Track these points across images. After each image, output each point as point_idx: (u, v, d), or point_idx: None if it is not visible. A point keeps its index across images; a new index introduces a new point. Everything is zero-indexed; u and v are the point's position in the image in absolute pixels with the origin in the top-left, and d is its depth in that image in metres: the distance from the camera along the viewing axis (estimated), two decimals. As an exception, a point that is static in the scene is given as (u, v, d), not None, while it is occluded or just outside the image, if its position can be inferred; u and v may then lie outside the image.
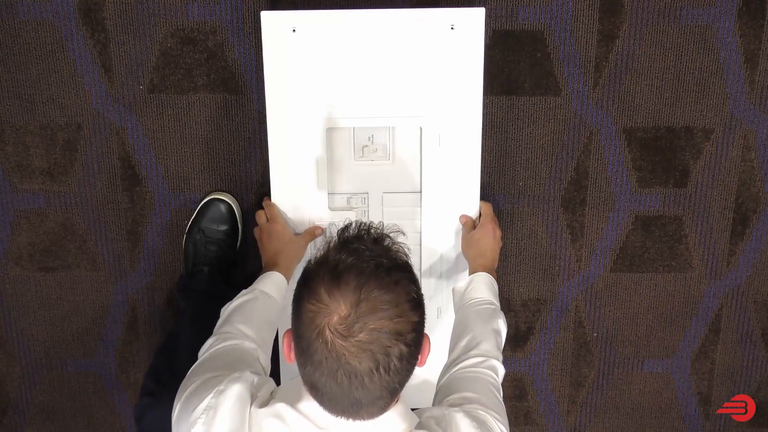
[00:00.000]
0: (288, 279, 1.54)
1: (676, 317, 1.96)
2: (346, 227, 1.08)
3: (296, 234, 1.62)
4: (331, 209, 1.62)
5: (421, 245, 1.64)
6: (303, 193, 1.60)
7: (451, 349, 1.38)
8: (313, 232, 1.63)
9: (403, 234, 1.10)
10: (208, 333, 1.69)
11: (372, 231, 1.07)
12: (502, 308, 1.92)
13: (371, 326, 0.98)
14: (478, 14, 1.51)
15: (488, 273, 1.53)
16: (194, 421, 1.10)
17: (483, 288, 1.50)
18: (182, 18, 1.74)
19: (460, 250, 1.61)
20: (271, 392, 1.15)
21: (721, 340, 1.98)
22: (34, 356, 1.94)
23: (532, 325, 1.93)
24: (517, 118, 1.80)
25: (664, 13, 1.76)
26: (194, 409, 1.12)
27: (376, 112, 1.56)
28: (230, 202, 1.80)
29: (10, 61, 1.75)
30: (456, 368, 1.31)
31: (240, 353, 1.29)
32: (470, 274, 1.54)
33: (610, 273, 1.92)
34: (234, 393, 1.11)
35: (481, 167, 1.62)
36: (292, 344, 1.06)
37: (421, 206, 1.61)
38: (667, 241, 1.90)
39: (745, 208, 1.89)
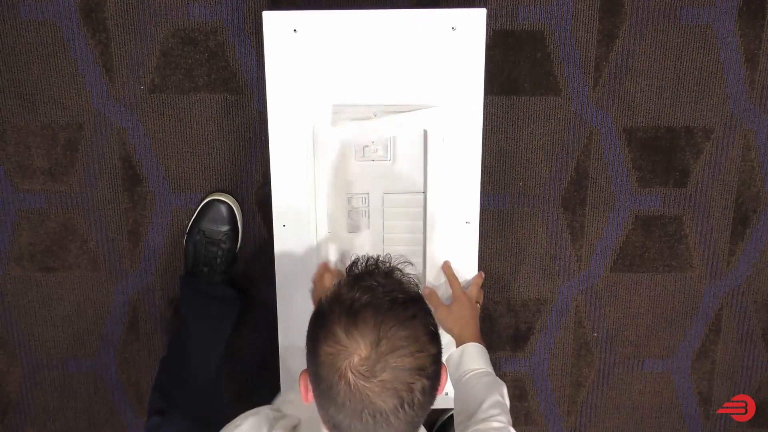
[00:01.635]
0: None
1: (676, 317, 1.96)
2: (354, 263, 1.08)
3: None
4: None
5: (425, 246, 1.64)
6: (303, 193, 1.60)
7: (465, 416, 1.35)
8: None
9: (411, 264, 1.09)
10: (210, 338, 1.69)
11: (381, 265, 1.06)
12: (503, 308, 1.92)
13: (393, 364, 0.97)
14: (480, 15, 1.51)
15: (477, 342, 1.51)
16: None
17: (478, 358, 1.48)
18: (183, 18, 1.74)
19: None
20: (294, 427, 1.15)
21: (721, 340, 1.98)
22: (35, 356, 1.94)
23: (532, 325, 1.94)
24: (517, 118, 1.81)
25: (664, 13, 1.77)
26: None
27: (376, 112, 1.56)
28: (230, 203, 1.80)
29: (11, 60, 1.76)
30: (479, 426, 1.30)
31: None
32: (458, 345, 1.52)
33: (610, 273, 1.92)
34: (249, 423, 1.11)
35: (482, 167, 1.61)
36: (310, 386, 1.05)
37: (425, 207, 1.61)
38: (667, 241, 1.90)
39: (745, 208, 1.89)
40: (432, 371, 1.01)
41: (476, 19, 1.51)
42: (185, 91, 1.78)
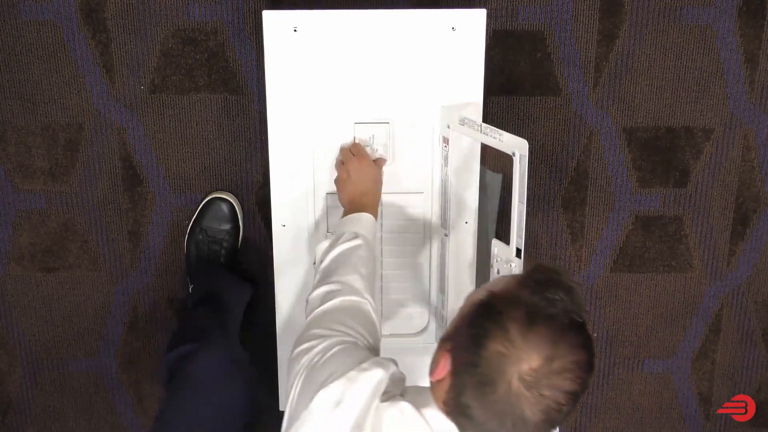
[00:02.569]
0: (375, 218, 1.47)
1: (676, 317, 1.96)
2: (536, 268, 1.08)
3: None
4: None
5: (430, 247, 1.64)
6: (303, 192, 1.60)
7: None
8: (380, 165, 1.55)
9: (580, 285, 1.09)
10: (238, 290, 1.69)
11: (563, 279, 1.06)
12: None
13: (556, 384, 0.99)
14: (480, 15, 1.51)
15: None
16: (328, 385, 1.08)
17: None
18: (183, 18, 1.74)
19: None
20: (401, 391, 1.15)
21: (721, 340, 1.98)
22: (35, 356, 1.94)
23: (533, 325, 1.93)
24: (517, 118, 1.81)
25: (664, 13, 1.77)
26: (330, 375, 1.10)
27: (376, 112, 1.56)
28: (232, 200, 1.80)
29: (11, 61, 1.76)
30: None
31: (364, 317, 1.25)
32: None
33: (610, 273, 1.92)
34: (377, 377, 1.10)
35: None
36: (449, 366, 1.06)
37: (431, 206, 1.61)
38: (667, 241, 1.90)
39: (745, 208, 1.89)
40: (580, 397, 1.03)
41: (476, 19, 1.51)
42: (185, 91, 1.78)
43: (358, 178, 1.49)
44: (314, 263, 1.42)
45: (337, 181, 1.54)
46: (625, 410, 2.03)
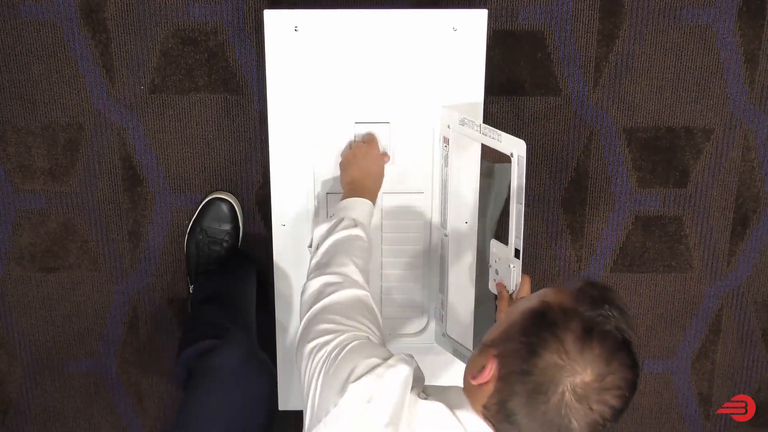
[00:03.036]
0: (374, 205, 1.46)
1: (676, 317, 1.96)
2: (589, 284, 1.09)
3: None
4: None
5: (430, 247, 1.64)
6: (303, 193, 1.60)
7: None
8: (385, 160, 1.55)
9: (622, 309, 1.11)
10: (244, 281, 1.67)
11: (617, 298, 1.08)
12: (503, 308, 1.92)
13: (605, 399, 1.02)
14: (481, 16, 1.51)
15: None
16: (357, 380, 1.08)
17: None
18: (183, 18, 1.74)
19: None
20: (423, 388, 1.15)
21: (721, 340, 1.98)
22: (35, 356, 1.94)
23: (533, 325, 1.93)
24: (517, 118, 1.81)
25: (664, 13, 1.77)
26: (353, 369, 1.09)
27: (376, 112, 1.56)
28: (232, 201, 1.80)
29: (11, 61, 1.76)
30: None
31: (369, 312, 1.24)
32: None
33: (610, 273, 1.92)
34: (404, 373, 1.10)
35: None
36: (497, 372, 1.06)
37: (431, 206, 1.61)
38: (667, 241, 1.90)
39: (745, 208, 1.89)
40: (622, 415, 1.06)
41: (477, 19, 1.51)
42: (185, 91, 1.78)
43: (363, 161, 1.49)
44: (309, 246, 1.39)
45: (341, 163, 1.53)
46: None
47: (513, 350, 1.06)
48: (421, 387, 1.15)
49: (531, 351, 1.03)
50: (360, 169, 1.48)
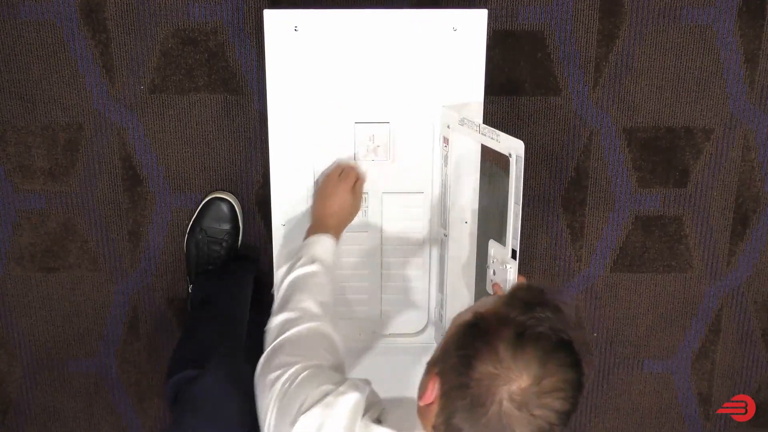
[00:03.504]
0: (337, 242, 1.48)
1: (676, 317, 1.96)
2: (520, 287, 1.08)
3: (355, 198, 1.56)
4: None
5: (430, 247, 1.64)
6: (303, 192, 1.60)
7: None
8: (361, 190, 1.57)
9: (567, 303, 1.09)
10: (241, 309, 1.63)
11: (550, 298, 1.06)
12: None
13: (546, 403, 0.99)
14: (481, 16, 1.51)
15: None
16: (307, 410, 1.09)
17: None
18: (183, 18, 1.74)
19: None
20: (380, 413, 1.15)
21: (721, 340, 1.98)
22: (35, 356, 1.94)
23: (533, 325, 1.93)
24: (517, 118, 1.81)
25: (664, 13, 1.77)
26: (304, 400, 1.10)
27: (376, 112, 1.56)
28: (232, 200, 1.80)
29: (11, 61, 1.76)
30: None
31: (326, 341, 1.26)
32: None
33: (610, 273, 1.92)
34: (353, 400, 1.11)
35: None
36: (437, 389, 1.05)
37: (431, 206, 1.61)
38: (667, 241, 1.90)
39: (745, 208, 1.89)
40: (571, 417, 1.03)
41: (477, 20, 1.51)
42: (185, 91, 1.78)
43: (330, 198, 1.52)
44: (272, 290, 1.42)
45: (314, 193, 1.57)
46: (625, 410, 2.03)
47: (450, 366, 1.04)
48: (377, 411, 1.15)
49: (466, 363, 1.01)
50: (325, 206, 1.51)
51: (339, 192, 1.51)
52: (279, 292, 1.37)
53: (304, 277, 1.37)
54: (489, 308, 1.07)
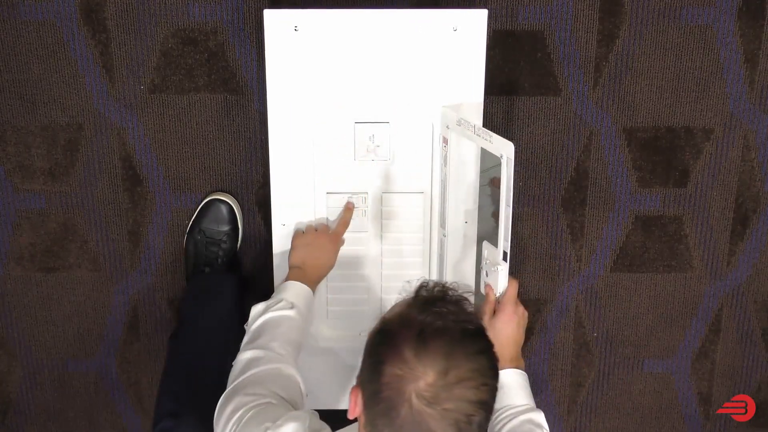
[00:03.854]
0: (313, 293, 1.51)
1: (676, 317, 1.96)
2: (423, 286, 1.08)
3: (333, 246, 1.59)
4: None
5: (430, 247, 1.64)
6: (303, 192, 1.60)
7: None
8: (340, 240, 1.60)
9: (473, 294, 1.09)
10: (219, 332, 1.66)
11: (450, 292, 1.06)
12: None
13: (458, 395, 0.98)
14: (481, 16, 1.51)
15: (516, 368, 1.44)
16: None
17: (519, 391, 1.41)
18: (183, 18, 1.74)
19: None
20: None
21: (721, 340, 1.98)
22: (35, 356, 1.94)
23: (532, 325, 1.94)
24: (517, 118, 1.81)
25: (664, 13, 1.77)
26: None
27: (376, 112, 1.57)
28: (231, 202, 1.80)
29: (11, 61, 1.76)
30: None
31: (285, 380, 1.28)
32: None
33: (610, 273, 1.92)
34: (291, 428, 1.12)
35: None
36: (360, 401, 1.06)
37: (431, 206, 1.62)
38: (667, 241, 1.90)
39: (745, 208, 1.89)
40: (491, 405, 1.03)
41: (478, 20, 1.51)
42: (185, 91, 1.78)
43: (306, 249, 1.55)
44: (246, 324, 1.43)
45: (292, 240, 1.59)
46: (625, 410, 2.03)
47: (365, 375, 1.05)
48: None
49: (375, 370, 1.02)
50: (302, 257, 1.54)
51: (316, 243, 1.56)
52: (251, 327, 1.40)
53: (279, 319, 1.40)
54: (393, 312, 1.07)
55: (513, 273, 1.89)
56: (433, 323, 1.01)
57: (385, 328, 1.05)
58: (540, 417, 1.37)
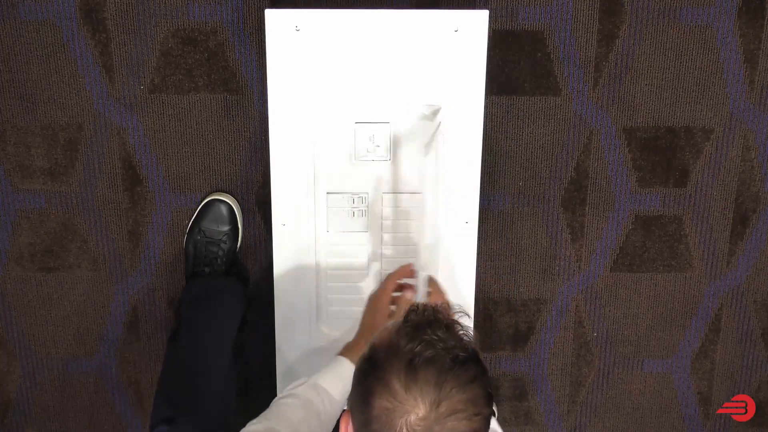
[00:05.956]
0: None
1: (676, 317, 1.96)
2: (412, 310, 1.04)
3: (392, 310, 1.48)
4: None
5: (430, 247, 1.64)
6: (303, 193, 1.60)
7: None
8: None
9: (468, 316, 1.06)
10: (217, 337, 1.65)
11: (440, 316, 1.03)
12: (503, 308, 1.93)
13: (450, 426, 0.96)
14: (482, 17, 1.51)
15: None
16: None
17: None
18: (183, 18, 1.74)
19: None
20: None
21: (721, 340, 1.98)
22: (35, 356, 1.94)
23: (532, 325, 1.94)
24: (517, 118, 1.81)
25: (664, 13, 1.77)
26: None
27: (376, 112, 1.57)
28: (231, 202, 1.80)
29: (11, 61, 1.76)
30: None
31: None
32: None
33: (610, 273, 1.92)
34: None
35: (481, 167, 1.61)
36: (351, 429, 1.03)
37: (431, 206, 1.62)
38: (667, 241, 1.91)
39: (745, 208, 1.89)
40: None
41: (479, 21, 1.51)
42: (185, 91, 1.78)
43: (371, 313, 1.46)
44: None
45: (367, 300, 1.49)
46: (625, 410, 2.03)
47: (355, 403, 1.02)
48: None
49: (364, 401, 0.99)
50: (365, 322, 1.46)
51: (373, 308, 1.45)
52: (274, 401, 1.34)
53: (297, 401, 1.32)
54: (382, 339, 1.03)
55: (513, 273, 1.90)
56: (422, 353, 0.97)
57: (373, 356, 1.02)
58: None
